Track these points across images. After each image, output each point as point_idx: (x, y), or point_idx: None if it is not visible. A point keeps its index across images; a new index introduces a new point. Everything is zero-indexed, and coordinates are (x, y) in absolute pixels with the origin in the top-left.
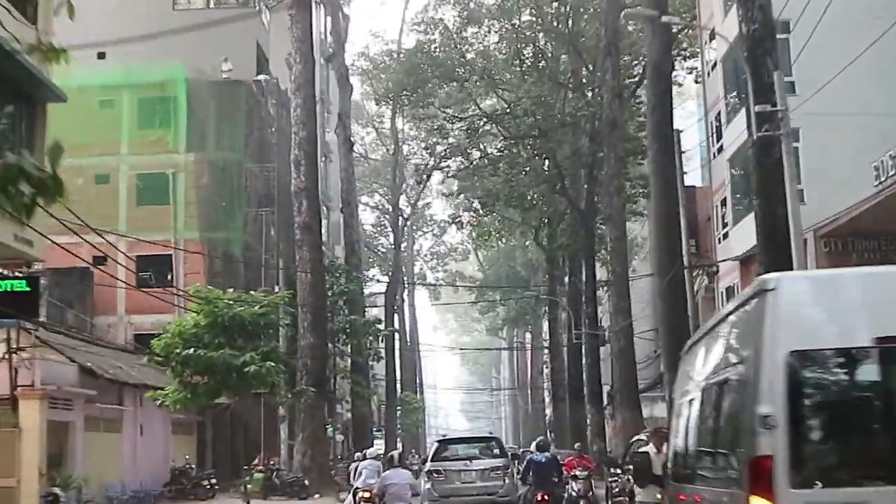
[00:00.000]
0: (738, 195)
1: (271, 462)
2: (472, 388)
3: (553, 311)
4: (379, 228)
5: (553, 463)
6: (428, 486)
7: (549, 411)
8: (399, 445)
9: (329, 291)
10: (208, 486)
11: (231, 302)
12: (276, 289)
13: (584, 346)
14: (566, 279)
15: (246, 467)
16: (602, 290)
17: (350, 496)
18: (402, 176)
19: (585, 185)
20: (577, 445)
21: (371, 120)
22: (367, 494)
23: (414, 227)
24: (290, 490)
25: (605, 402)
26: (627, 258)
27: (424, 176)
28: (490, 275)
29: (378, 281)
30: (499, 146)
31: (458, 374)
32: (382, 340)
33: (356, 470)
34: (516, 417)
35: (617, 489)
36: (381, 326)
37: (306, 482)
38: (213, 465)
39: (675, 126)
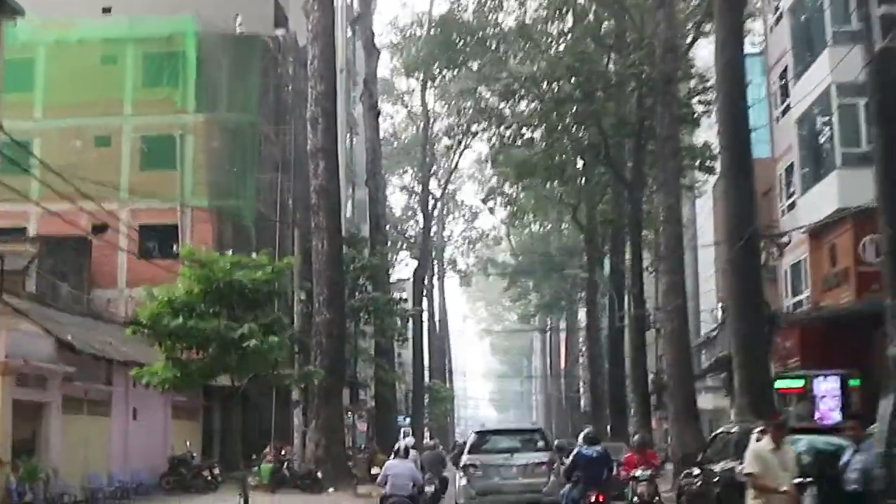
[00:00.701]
0: (807, 159)
1: (283, 452)
2: (504, 375)
3: (591, 294)
4: (409, 213)
5: (605, 458)
6: (464, 481)
7: (583, 402)
8: (427, 435)
9: (350, 266)
10: (210, 478)
11: (230, 266)
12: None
13: (627, 330)
14: (606, 260)
15: (254, 457)
16: (646, 271)
17: None
18: (432, 156)
19: (631, 156)
20: (635, 437)
21: (400, 97)
22: None
23: (444, 211)
24: (301, 483)
25: (650, 390)
26: (682, 229)
27: (457, 139)
28: (523, 261)
29: (406, 265)
30: (536, 114)
31: (488, 362)
32: (408, 321)
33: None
34: (548, 408)
35: (699, 493)
36: (408, 305)
37: (319, 475)
38: (221, 454)
39: None
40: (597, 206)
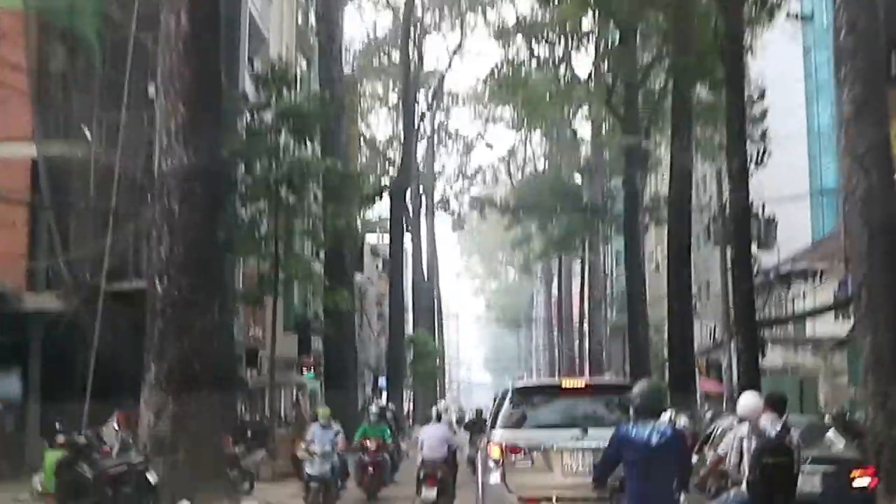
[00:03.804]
0: None
1: (120, 423)
2: (504, 325)
3: (631, 210)
4: (393, 144)
5: (674, 445)
6: (495, 478)
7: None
8: (406, 402)
9: (259, 112)
10: None
11: None
12: (152, 89)
13: (726, 224)
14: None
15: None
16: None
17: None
18: (418, 58)
19: None
20: None
21: None
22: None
23: (435, 139)
24: (118, 492)
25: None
26: None
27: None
28: (528, 193)
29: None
30: None
31: (484, 323)
32: (364, 212)
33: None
34: (553, 368)
35: None
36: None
37: (152, 477)
38: (45, 424)
39: None
40: (641, 83)
